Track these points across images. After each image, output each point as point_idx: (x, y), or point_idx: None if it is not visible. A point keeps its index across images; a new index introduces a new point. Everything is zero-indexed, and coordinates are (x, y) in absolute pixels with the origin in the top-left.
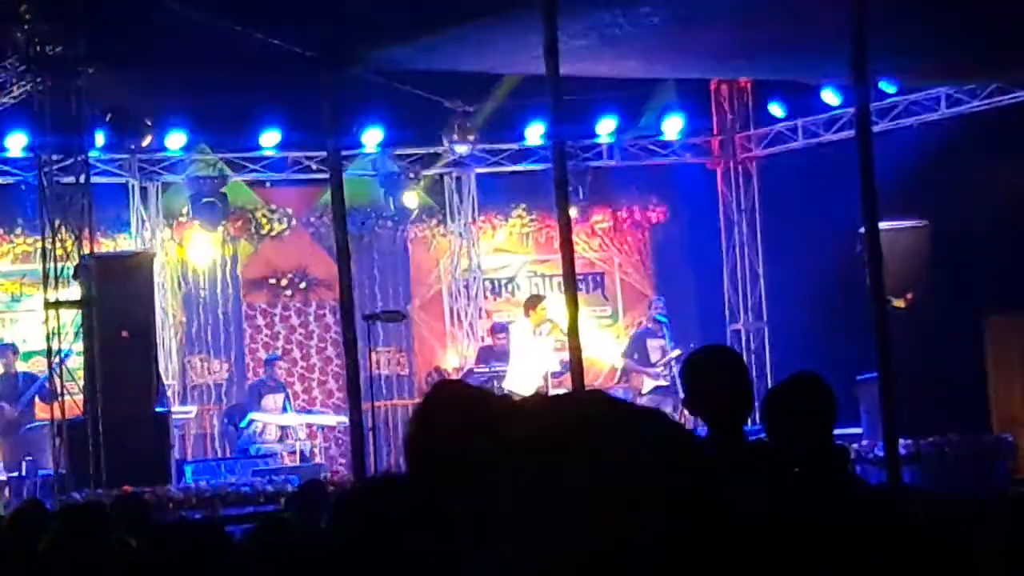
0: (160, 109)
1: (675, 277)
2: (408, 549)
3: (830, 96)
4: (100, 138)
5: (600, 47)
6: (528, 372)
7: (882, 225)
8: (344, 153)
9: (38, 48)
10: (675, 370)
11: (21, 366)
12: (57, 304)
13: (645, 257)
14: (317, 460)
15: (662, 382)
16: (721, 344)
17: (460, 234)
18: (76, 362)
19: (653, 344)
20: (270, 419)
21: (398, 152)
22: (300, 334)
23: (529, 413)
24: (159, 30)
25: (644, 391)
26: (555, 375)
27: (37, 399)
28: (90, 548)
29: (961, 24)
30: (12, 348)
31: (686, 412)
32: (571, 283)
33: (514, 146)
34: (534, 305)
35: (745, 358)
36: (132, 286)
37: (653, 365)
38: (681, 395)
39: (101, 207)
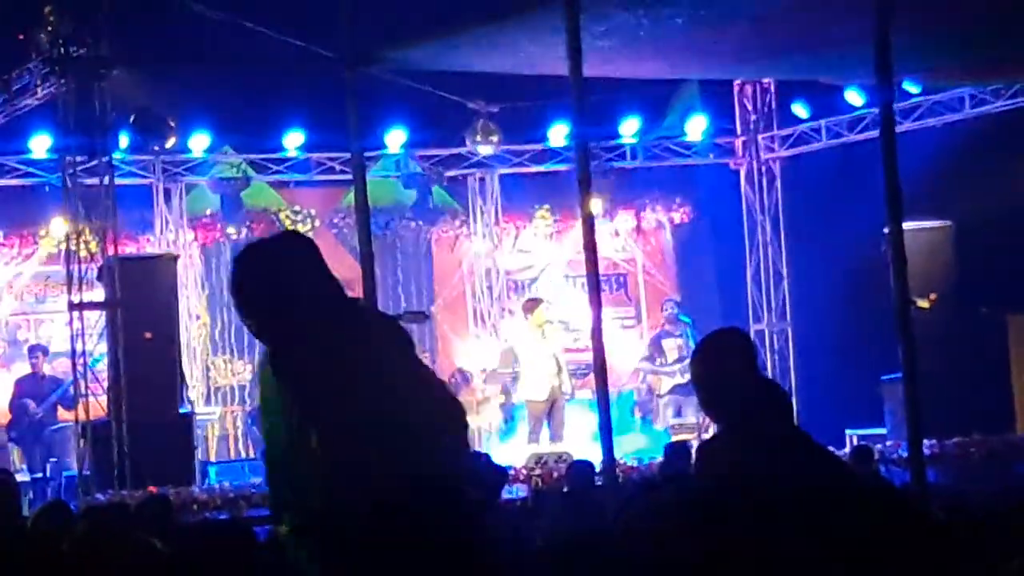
0: (184, 110)
1: (698, 277)
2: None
3: (854, 96)
4: (124, 140)
5: (623, 48)
6: (539, 376)
7: (906, 225)
8: (367, 154)
9: (62, 49)
10: None
11: (47, 368)
12: (81, 305)
13: (668, 258)
14: None
15: (679, 379)
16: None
17: (483, 235)
18: (100, 363)
19: (669, 344)
20: None
21: (421, 153)
22: None
23: None
24: (182, 32)
25: (663, 392)
26: (578, 375)
27: (59, 404)
28: (115, 549)
29: (986, 24)
30: (42, 349)
31: None
32: (595, 284)
33: (537, 147)
34: (532, 308)
35: (769, 359)
36: (156, 287)
37: (671, 364)
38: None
39: (125, 209)
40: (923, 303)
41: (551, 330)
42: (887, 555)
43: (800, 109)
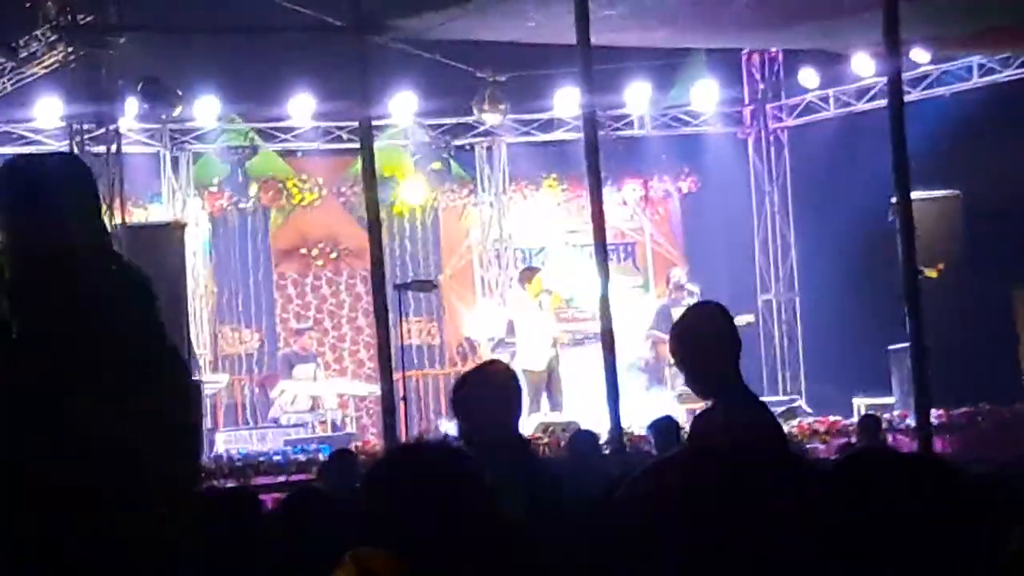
0: (191, 79)
1: (706, 247)
2: (439, 516)
3: (862, 65)
4: (131, 108)
5: (630, 17)
6: (537, 346)
7: (914, 195)
8: (375, 123)
9: (69, 17)
10: None
11: None
12: None
13: (676, 227)
14: (348, 430)
15: None
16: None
17: (491, 204)
18: None
19: (678, 313)
20: (301, 388)
21: (429, 122)
22: (331, 304)
23: None
24: None
25: (672, 361)
26: (580, 342)
27: None
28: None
29: None
30: None
31: None
32: (602, 253)
33: (545, 116)
34: (530, 277)
35: (776, 328)
36: (163, 256)
37: None
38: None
39: (132, 177)
40: (931, 272)
41: (548, 300)
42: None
43: (808, 78)
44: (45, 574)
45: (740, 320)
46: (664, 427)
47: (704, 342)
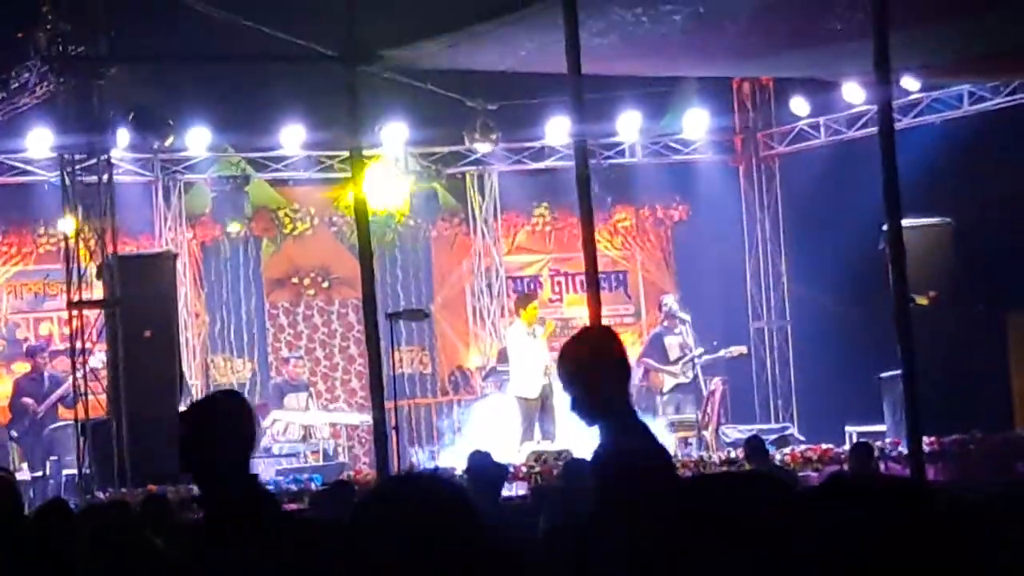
0: (182, 109)
1: (698, 275)
2: (432, 547)
3: (853, 93)
4: (123, 138)
5: (622, 45)
6: (530, 374)
7: (905, 222)
8: (366, 152)
9: (60, 48)
10: (698, 368)
11: (48, 366)
12: (81, 304)
13: (667, 255)
14: (340, 459)
15: (683, 379)
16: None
17: (482, 233)
18: (100, 361)
19: (671, 341)
20: (293, 418)
21: (420, 151)
22: (323, 333)
23: None
24: (181, 30)
25: (665, 390)
26: None
27: (59, 404)
28: (116, 547)
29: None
30: (44, 348)
31: (708, 407)
32: (593, 281)
33: (536, 144)
34: (525, 305)
35: (768, 356)
36: (155, 286)
37: (672, 363)
38: (704, 392)
39: (124, 207)
40: (922, 300)
41: (541, 329)
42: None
43: (799, 106)
44: None
45: (734, 351)
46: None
47: (588, 367)
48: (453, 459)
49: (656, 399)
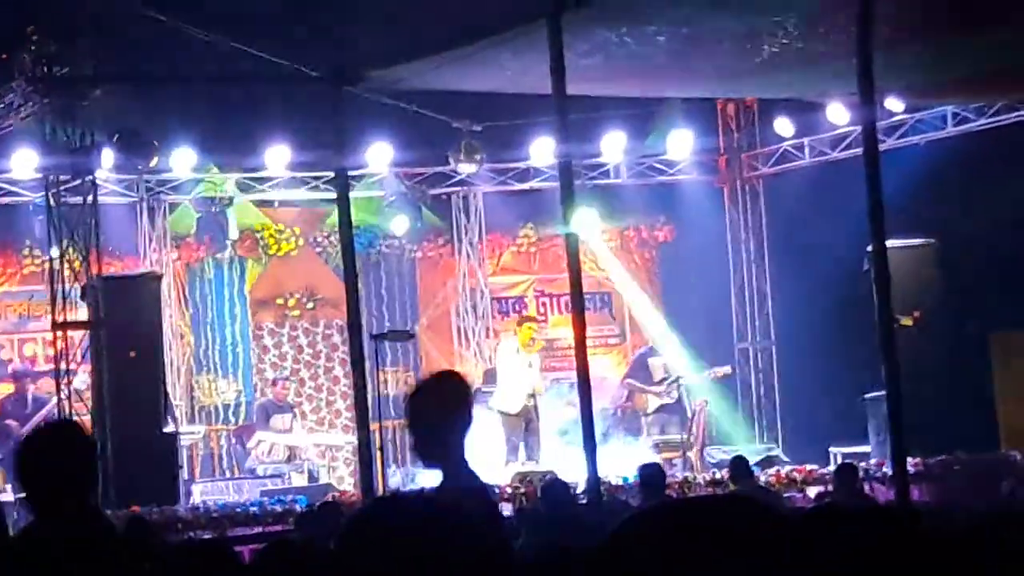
0: (167, 130)
1: (682, 296)
2: (420, 568)
3: (837, 114)
4: (107, 159)
5: (606, 66)
6: (513, 390)
7: (889, 243)
8: (351, 173)
9: (45, 69)
10: (683, 389)
11: (32, 388)
12: (65, 325)
13: (652, 276)
14: (325, 480)
15: (667, 400)
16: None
17: (467, 253)
18: (84, 382)
19: (655, 363)
20: (278, 439)
21: (405, 172)
22: (308, 354)
23: None
24: (166, 51)
25: (649, 411)
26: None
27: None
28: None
29: (967, 44)
30: (29, 373)
31: (693, 428)
32: (578, 302)
33: (521, 165)
34: (520, 323)
35: (753, 377)
36: (140, 307)
37: (656, 384)
38: (688, 412)
39: (108, 228)
40: (906, 321)
41: (533, 349)
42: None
43: (783, 127)
44: None
45: (718, 371)
46: (650, 475)
47: (429, 411)
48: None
49: (641, 420)
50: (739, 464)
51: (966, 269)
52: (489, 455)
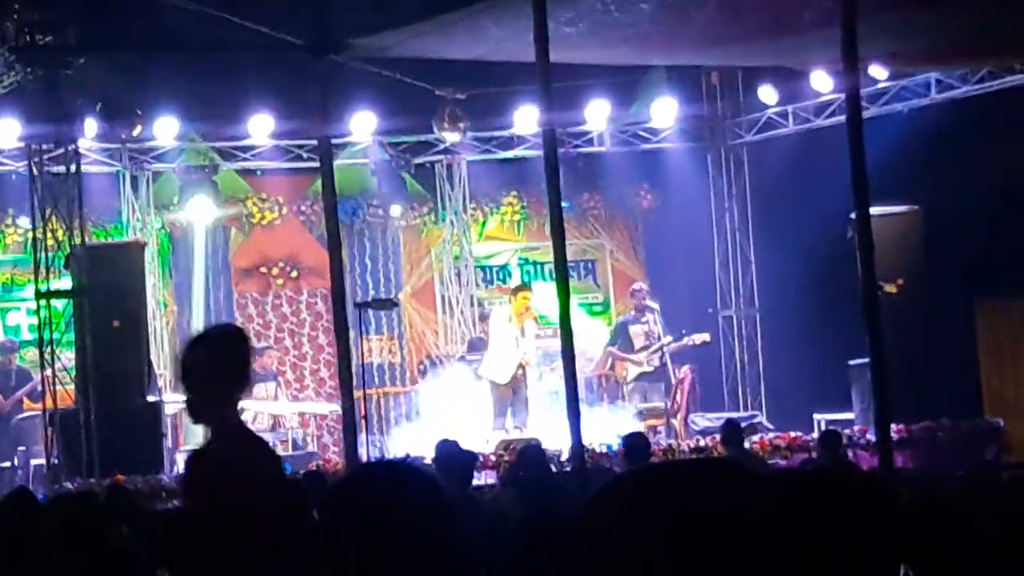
0: (150, 98)
1: (666, 263)
2: (402, 535)
3: (821, 82)
4: (91, 128)
5: (590, 34)
6: (503, 359)
7: (873, 210)
8: (335, 141)
9: (28, 38)
10: (666, 357)
11: (14, 362)
12: (49, 294)
13: (636, 244)
14: (309, 448)
15: (647, 368)
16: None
17: (451, 222)
18: (68, 351)
19: (636, 330)
20: (261, 407)
21: (389, 140)
22: (291, 322)
23: None
24: (149, 19)
25: (629, 379)
26: (547, 361)
27: (27, 398)
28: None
29: (951, 11)
30: (14, 348)
31: (677, 395)
32: (562, 270)
33: (505, 133)
34: (516, 293)
35: (737, 344)
36: (123, 275)
37: (637, 352)
38: (672, 380)
39: (92, 197)
40: (890, 288)
41: (526, 318)
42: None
43: (767, 95)
44: None
45: (696, 338)
46: (634, 443)
47: (199, 367)
48: (410, 445)
49: (622, 388)
50: (730, 428)
51: (950, 236)
52: (476, 423)
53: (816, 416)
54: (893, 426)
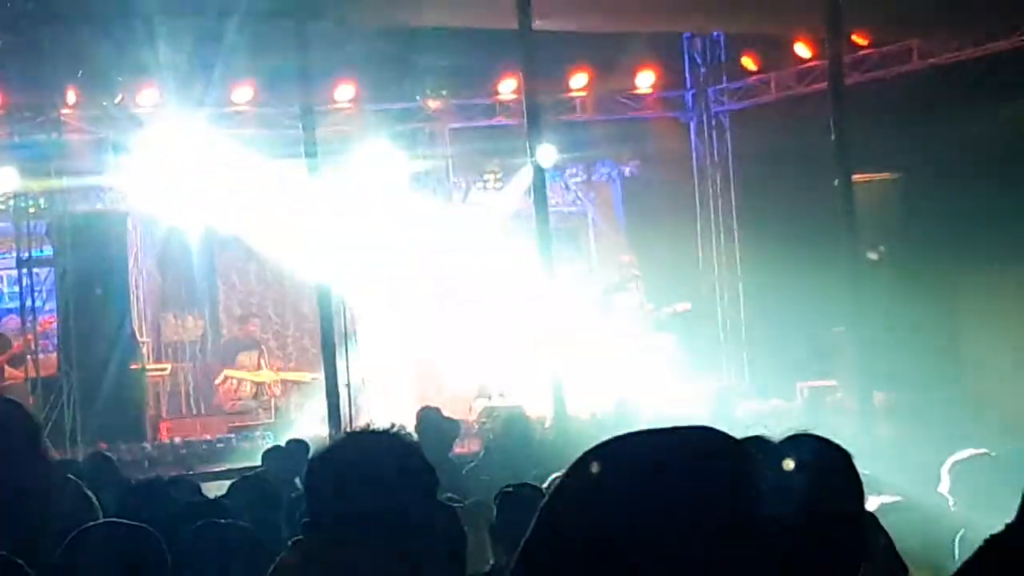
0: (132, 65)
1: (649, 231)
2: (386, 504)
3: (803, 49)
4: (72, 96)
5: (572, 2)
6: None
7: (855, 177)
8: (318, 109)
9: (8, 4)
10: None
11: None
12: (31, 262)
13: (618, 211)
14: (292, 416)
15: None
16: None
17: (434, 189)
18: (50, 320)
19: (621, 297)
20: (244, 375)
21: (371, 108)
22: (275, 291)
23: None
24: None
25: None
26: None
27: (8, 366)
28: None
29: None
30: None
31: None
32: (545, 237)
33: (487, 101)
34: None
35: (720, 312)
36: (106, 244)
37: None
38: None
39: (74, 165)
40: (872, 255)
41: None
42: None
43: (749, 62)
44: None
45: (678, 307)
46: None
47: None
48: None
49: None
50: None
51: (931, 204)
52: (460, 391)
53: (799, 383)
54: (875, 393)
